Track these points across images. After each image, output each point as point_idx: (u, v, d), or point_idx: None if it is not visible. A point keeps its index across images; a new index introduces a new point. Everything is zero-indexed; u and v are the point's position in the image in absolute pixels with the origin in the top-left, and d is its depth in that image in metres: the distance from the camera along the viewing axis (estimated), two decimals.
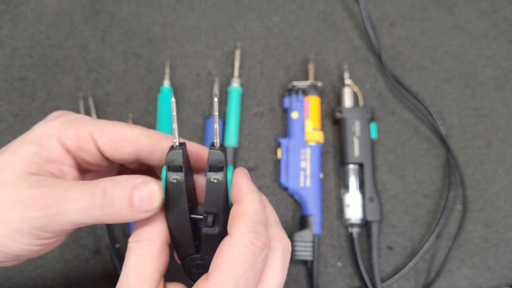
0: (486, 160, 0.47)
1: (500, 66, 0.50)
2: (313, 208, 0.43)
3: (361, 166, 0.45)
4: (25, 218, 0.23)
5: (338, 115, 0.46)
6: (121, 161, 0.28)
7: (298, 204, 0.45)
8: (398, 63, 0.50)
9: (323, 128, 0.47)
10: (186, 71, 0.50)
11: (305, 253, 0.42)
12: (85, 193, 0.23)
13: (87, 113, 0.48)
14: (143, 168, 0.30)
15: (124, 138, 0.26)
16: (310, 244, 0.42)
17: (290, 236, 0.43)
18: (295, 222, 0.45)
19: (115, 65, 0.50)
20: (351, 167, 0.45)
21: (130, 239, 0.25)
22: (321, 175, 0.45)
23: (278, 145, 0.46)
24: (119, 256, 0.43)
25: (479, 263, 0.44)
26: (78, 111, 0.48)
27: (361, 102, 0.48)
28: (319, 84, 0.47)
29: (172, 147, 0.25)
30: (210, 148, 0.25)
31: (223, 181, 0.25)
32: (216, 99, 0.24)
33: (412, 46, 0.51)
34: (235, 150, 0.46)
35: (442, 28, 0.52)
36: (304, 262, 0.44)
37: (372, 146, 0.45)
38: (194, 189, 0.28)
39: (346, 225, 0.44)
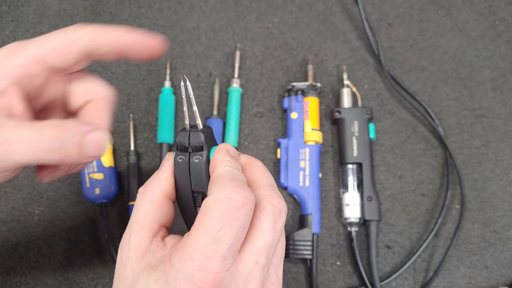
0: (483, 160, 0.47)
1: (498, 66, 0.50)
2: (312, 207, 0.44)
3: (359, 166, 0.45)
4: None
5: (337, 115, 0.47)
6: (73, 68, 0.28)
7: (298, 203, 0.46)
8: (396, 63, 0.51)
9: (322, 128, 0.48)
10: (187, 72, 0.50)
11: (304, 252, 0.42)
12: (34, 136, 0.23)
13: None
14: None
15: (66, 43, 0.27)
16: (309, 243, 0.42)
17: (289, 236, 0.43)
18: (295, 221, 0.45)
19: (116, 66, 0.51)
20: (350, 166, 0.45)
21: (139, 190, 0.27)
22: (320, 175, 0.46)
23: (278, 145, 0.47)
24: None
25: (477, 262, 0.44)
26: None
27: (359, 103, 0.48)
28: (318, 84, 0.48)
29: (183, 129, 0.27)
30: (191, 130, 0.27)
31: (204, 161, 0.26)
32: (185, 83, 0.27)
33: (410, 47, 0.51)
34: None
35: (440, 29, 0.52)
36: (304, 261, 0.44)
37: (370, 146, 0.46)
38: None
39: (345, 224, 0.45)
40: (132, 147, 0.47)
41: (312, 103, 0.46)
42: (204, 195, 0.26)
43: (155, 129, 0.48)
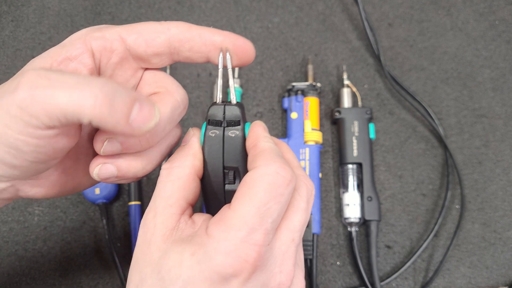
0: (484, 159, 0.47)
1: (498, 66, 0.50)
2: (312, 207, 0.43)
3: (359, 166, 0.45)
4: (13, 98, 0.21)
5: (337, 115, 0.47)
6: (152, 56, 0.26)
7: None
8: (396, 63, 0.51)
9: (322, 128, 0.48)
10: (187, 72, 0.50)
11: (305, 251, 0.42)
12: (84, 79, 0.21)
13: None
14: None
15: (153, 31, 0.26)
16: (309, 243, 0.42)
17: None
18: None
19: None
20: (350, 166, 0.45)
21: (163, 166, 0.25)
22: (320, 175, 0.46)
23: None
24: (120, 255, 0.44)
25: (477, 262, 0.44)
26: None
27: (359, 103, 0.48)
28: (318, 84, 0.48)
29: (214, 103, 0.26)
30: (226, 104, 0.26)
31: (241, 135, 0.25)
32: (224, 55, 0.26)
33: (410, 47, 0.51)
34: None
35: (440, 29, 0.52)
36: (304, 261, 0.44)
37: (370, 146, 0.46)
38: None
39: (345, 224, 0.45)
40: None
41: (312, 103, 0.46)
42: (237, 171, 0.26)
43: None
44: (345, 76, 0.49)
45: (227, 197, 0.26)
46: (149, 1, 0.53)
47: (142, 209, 0.45)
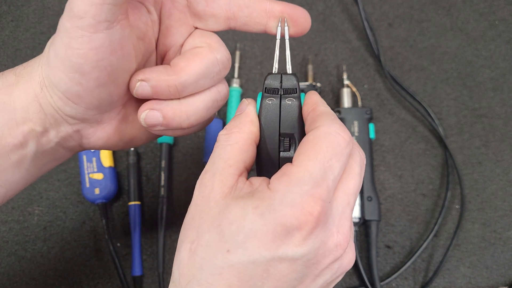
0: (483, 159, 0.47)
1: (498, 66, 0.50)
2: None
3: None
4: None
5: (337, 115, 0.46)
6: (209, 17, 0.28)
7: None
8: (396, 63, 0.51)
9: None
10: None
11: None
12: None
13: None
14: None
15: None
16: None
17: None
18: None
19: None
20: None
21: (220, 133, 0.26)
22: None
23: None
24: (120, 255, 0.44)
25: (477, 262, 0.44)
26: None
27: (359, 103, 0.48)
28: (318, 84, 0.48)
29: (270, 73, 0.27)
30: (282, 74, 0.27)
31: (298, 103, 0.26)
32: (282, 26, 0.27)
33: (410, 47, 0.51)
34: None
35: (440, 29, 0.52)
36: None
37: (370, 146, 0.46)
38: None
39: None
40: (132, 147, 0.47)
41: None
42: (292, 138, 0.26)
43: None
44: (345, 76, 0.49)
45: (281, 164, 0.27)
46: None
47: (142, 209, 0.45)
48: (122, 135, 0.29)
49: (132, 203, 0.44)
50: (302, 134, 0.26)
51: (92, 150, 0.45)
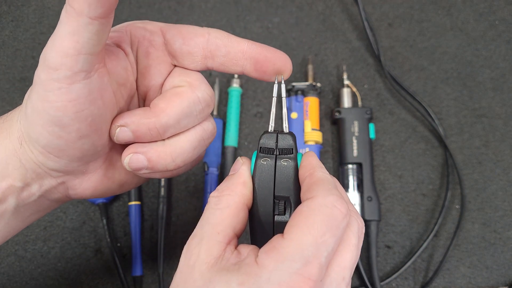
0: (484, 160, 0.47)
1: (498, 66, 0.50)
2: None
3: (359, 166, 0.45)
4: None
5: (337, 115, 0.47)
6: (186, 55, 0.27)
7: None
8: (396, 63, 0.51)
9: (322, 128, 0.48)
10: None
11: None
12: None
13: None
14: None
15: (193, 31, 0.27)
16: None
17: None
18: None
19: None
20: (350, 166, 0.45)
21: (212, 194, 0.25)
22: None
23: None
24: (120, 255, 0.44)
25: (477, 262, 0.44)
26: None
27: (359, 103, 0.48)
28: (318, 84, 0.48)
29: (266, 131, 0.26)
30: (278, 132, 0.26)
31: (294, 164, 0.25)
32: (279, 84, 0.27)
33: (410, 47, 0.51)
34: (235, 150, 0.47)
35: (440, 29, 0.52)
36: None
37: (370, 146, 0.46)
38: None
39: None
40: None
41: (312, 103, 0.46)
42: (288, 201, 0.25)
43: None
44: (345, 76, 0.49)
45: (276, 229, 0.25)
46: (149, 1, 0.53)
47: (141, 209, 0.45)
48: (111, 182, 0.28)
49: (132, 203, 0.44)
50: (298, 197, 0.25)
51: None
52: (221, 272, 0.21)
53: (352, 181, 0.45)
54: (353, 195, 0.44)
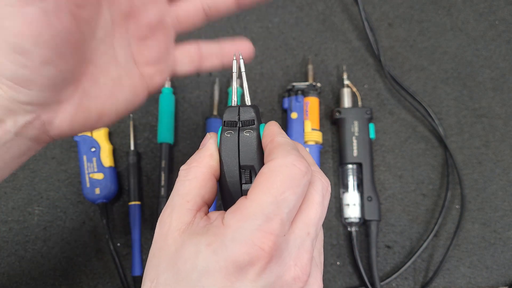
0: (484, 159, 0.47)
1: (498, 66, 0.50)
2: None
3: (359, 166, 0.45)
4: None
5: (337, 115, 0.47)
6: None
7: None
8: (396, 63, 0.51)
9: (322, 128, 0.48)
10: None
11: None
12: None
13: None
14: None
15: None
16: None
17: None
18: None
19: None
20: (350, 166, 0.45)
21: (181, 168, 0.26)
22: None
23: None
24: (120, 255, 0.44)
25: (477, 262, 0.44)
26: None
27: (359, 103, 0.48)
28: (318, 84, 0.48)
29: (229, 106, 0.27)
30: (240, 106, 0.27)
31: (256, 134, 0.26)
32: (238, 59, 0.28)
33: (410, 47, 0.51)
34: None
35: (440, 29, 0.52)
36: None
37: (370, 146, 0.46)
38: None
39: (345, 224, 0.45)
40: (132, 147, 0.47)
41: (312, 103, 0.46)
42: (253, 169, 0.26)
43: (155, 129, 0.48)
44: (345, 76, 0.49)
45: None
46: None
47: (142, 209, 0.45)
48: (88, 113, 0.28)
49: (132, 203, 0.44)
50: (262, 164, 0.26)
51: (93, 150, 0.45)
52: (191, 236, 0.23)
53: (352, 181, 0.45)
54: (353, 195, 0.44)
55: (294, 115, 0.46)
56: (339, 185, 0.46)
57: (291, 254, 0.23)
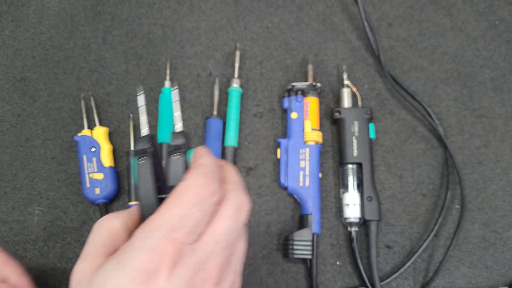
0: (484, 160, 0.47)
1: (498, 66, 0.50)
2: (312, 207, 0.44)
3: (359, 165, 0.45)
4: None
5: (337, 115, 0.47)
6: None
7: (298, 204, 0.46)
8: (396, 63, 0.51)
9: (322, 128, 0.48)
10: (187, 72, 0.50)
11: (304, 252, 0.42)
12: None
13: (89, 113, 0.48)
14: None
15: None
16: (309, 243, 0.42)
17: (289, 236, 0.43)
18: (295, 221, 0.45)
19: (116, 65, 0.51)
20: (350, 166, 0.45)
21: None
22: (320, 175, 0.46)
23: (278, 145, 0.47)
24: None
25: (477, 262, 0.44)
26: (79, 111, 0.48)
27: (359, 103, 0.48)
28: (318, 84, 0.48)
29: (139, 137, 0.29)
30: (172, 133, 0.29)
31: (183, 157, 0.28)
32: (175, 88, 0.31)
33: (410, 47, 0.51)
34: (235, 150, 0.47)
35: (440, 29, 0.52)
36: (304, 261, 0.44)
37: (370, 146, 0.46)
38: (162, 173, 0.30)
39: (345, 224, 0.45)
40: (132, 147, 0.47)
41: (312, 103, 0.46)
42: None
43: (155, 129, 0.48)
44: (345, 76, 0.49)
45: None
46: (149, 1, 0.53)
47: None
48: None
49: (132, 203, 0.44)
50: None
51: (93, 150, 0.45)
52: (103, 267, 0.24)
53: (352, 181, 0.45)
54: (353, 195, 0.44)
55: (294, 115, 0.46)
56: (339, 185, 0.46)
57: (200, 260, 0.24)
